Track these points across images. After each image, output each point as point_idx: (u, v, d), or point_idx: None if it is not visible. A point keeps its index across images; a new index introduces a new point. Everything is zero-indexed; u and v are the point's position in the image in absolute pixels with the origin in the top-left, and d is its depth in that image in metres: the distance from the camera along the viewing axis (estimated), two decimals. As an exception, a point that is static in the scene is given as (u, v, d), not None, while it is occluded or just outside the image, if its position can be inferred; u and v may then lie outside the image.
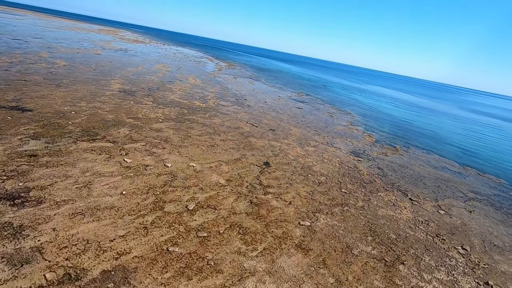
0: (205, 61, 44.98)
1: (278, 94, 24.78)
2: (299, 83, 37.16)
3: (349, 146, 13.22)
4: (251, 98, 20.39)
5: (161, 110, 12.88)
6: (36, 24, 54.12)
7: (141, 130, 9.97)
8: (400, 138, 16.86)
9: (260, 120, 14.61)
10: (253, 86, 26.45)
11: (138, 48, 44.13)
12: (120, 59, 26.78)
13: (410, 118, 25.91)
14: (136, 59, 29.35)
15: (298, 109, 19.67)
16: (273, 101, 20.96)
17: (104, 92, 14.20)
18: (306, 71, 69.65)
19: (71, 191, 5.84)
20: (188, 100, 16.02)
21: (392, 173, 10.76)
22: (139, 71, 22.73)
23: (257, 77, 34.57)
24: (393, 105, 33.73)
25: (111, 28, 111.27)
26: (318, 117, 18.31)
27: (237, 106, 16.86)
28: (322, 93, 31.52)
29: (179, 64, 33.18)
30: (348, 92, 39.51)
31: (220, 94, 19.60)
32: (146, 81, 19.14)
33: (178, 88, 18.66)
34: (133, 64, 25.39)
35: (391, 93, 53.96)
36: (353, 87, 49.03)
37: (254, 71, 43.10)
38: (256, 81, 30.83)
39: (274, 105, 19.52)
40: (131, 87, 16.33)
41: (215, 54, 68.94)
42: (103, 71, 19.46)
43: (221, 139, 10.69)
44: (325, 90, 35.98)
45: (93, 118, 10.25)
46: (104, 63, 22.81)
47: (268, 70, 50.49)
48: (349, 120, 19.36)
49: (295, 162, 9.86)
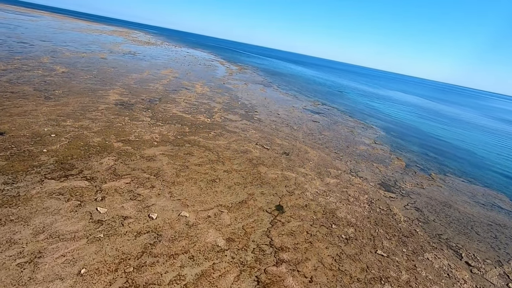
0: (216, 64, 43.50)
1: (291, 103, 22.86)
2: (313, 90, 35.08)
3: (377, 175, 11.18)
4: (262, 109, 18.57)
5: (158, 129, 11.24)
6: (50, 25, 54.21)
7: (130, 159, 8.32)
8: (432, 161, 14.64)
9: (272, 140, 12.76)
10: (265, 94, 24.63)
11: (148, 51, 43.13)
12: (125, 64, 25.52)
13: (437, 131, 23.44)
14: (143, 64, 28.07)
15: (314, 123, 17.70)
16: (287, 113, 19.07)
17: (98, 105, 12.71)
18: (319, 74, 67.23)
19: (7, 272, 4.18)
20: (192, 114, 14.36)
21: (435, 216, 8.69)
22: (144, 77, 21.32)
23: (269, 83, 32.73)
24: (413, 114, 31.16)
25: (125, 29, 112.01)
26: (337, 133, 16.29)
27: (246, 120, 15.08)
28: (338, 101, 29.35)
29: (188, 68, 31.76)
30: (364, 98, 37.10)
31: (229, 105, 17.88)
32: (149, 90, 17.64)
33: (182, 99, 17.05)
34: (139, 70, 24.05)
35: (406, 97, 50.91)
36: (369, 93, 46.43)
37: (266, 75, 41.28)
38: (268, 88, 29.00)
39: (288, 118, 17.63)
40: (130, 99, 14.82)
41: (227, 56, 67.56)
42: (103, 79, 18.10)
43: (224, 169, 8.92)
44: (341, 97, 33.76)
45: (75, 143, 8.68)
46: (107, 69, 21.52)
47: (281, 74, 48.56)
48: (372, 137, 17.23)
49: (314, 203, 7.96)
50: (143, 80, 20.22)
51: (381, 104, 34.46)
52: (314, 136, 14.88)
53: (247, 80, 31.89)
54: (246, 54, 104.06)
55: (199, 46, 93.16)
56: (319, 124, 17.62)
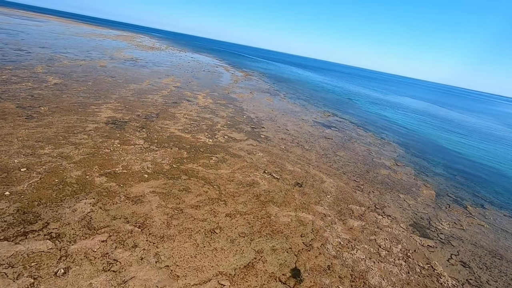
0: (221, 70, 42.19)
1: (300, 115, 21.27)
2: (322, 98, 33.45)
3: (406, 211, 9.51)
4: (269, 124, 17.02)
5: (151, 156, 9.75)
6: (53, 31, 53.67)
7: (111, 202, 6.83)
8: (463, 187, 12.89)
9: (282, 165, 11.18)
10: (272, 105, 23.10)
11: (151, 56, 42.02)
12: (125, 73, 24.26)
13: (457, 146, 21.58)
14: (144, 72, 26.80)
15: (327, 140, 16.08)
16: (296, 127, 17.49)
17: (86, 125, 11.30)
18: (326, 80, 65.52)
19: None
20: (192, 133, 12.87)
21: (488, 275, 7.00)
22: (143, 88, 19.97)
23: (275, 91, 31.21)
24: (428, 125, 29.27)
25: (130, 33, 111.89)
26: (353, 153, 14.64)
27: (252, 140, 13.54)
28: (349, 111, 27.67)
29: (191, 76, 30.42)
30: (375, 107, 35.32)
31: (233, 120, 16.38)
32: (147, 103, 16.24)
33: (183, 114, 15.61)
34: (138, 79, 22.74)
35: (414, 104, 48.82)
36: (378, 99, 44.57)
37: (273, 82, 39.79)
38: (275, 97, 27.47)
39: (298, 134, 16.04)
40: (124, 115, 13.41)
41: (232, 61, 66.37)
42: (98, 91, 16.78)
43: (227, 212, 7.36)
44: (351, 106, 32.06)
45: (48, 180, 7.23)
46: (105, 79, 20.23)
47: (288, 80, 47.04)
48: (392, 156, 15.54)
49: (339, 263, 6.35)
50: (142, 91, 18.86)
51: (393, 113, 32.64)
52: (329, 157, 13.26)
53: (252, 88, 30.42)
54: (252, 58, 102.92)
55: (205, 51, 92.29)
56: (332, 142, 16.00)
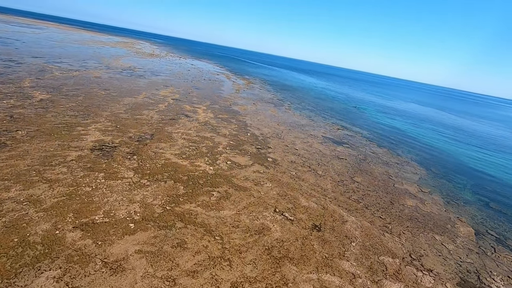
0: (222, 78, 40.81)
1: (308, 130, 19.71)
2: (328, 108, 31.91)
3: (448, 262, 7.87)
4: (276, 143, 15.46)
5: (141, 194, 8.19)
6: (51, 38, 52.60)
7: (83, 274, 5.24)
8: (502, 220, 11.24)
9: (295, 200, 9.59)
10: (277, 118, 21.57)
11: (150, 64, 40.68)
12: (120, 85, 22.82)
13: (481, 163, 19.93)
14: (141, 83, 25.37)
15: (341, 161, 14.49)
16: (306, 146, 15.92)
17: (68, 153, 9.77)
18: (329, 86, 64.05)
19: None
20: (191, 158, 11.32)
21: None
22: (138, 102, 18.49)
23: (279, 101, 29.71)
24: (442, 136, 27.65)
25: (130, 40, 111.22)
26: (372, 178, 13.04)
27: (258, 165, 11.96)
28: (358, 123, 26.10)
29: (191, 85, 28.98)
30: (383, 116, 33.74)
31: (236, 139, 14.83)
32: (141, 121, 14.73)
33: (180, 133, 14.07)
34: (134, 91, 21.28)
35: (422, 110, 47.12)
36: (384, 107, 43.01)
37: (276, 90, 38.34)
38: (280, 108, 25.95)
39: (308, 155, 14.47)
40: (114, 137, 11.88)
41: (233, 68, 65.10)
42: (89, 107, 15.30)
43: (232, 280, 5.76)
44: (359, 116, 30.51)
45: (4, 241, 5.66)
46: (97, 93, 18.78)
47: (291, 88, 45.60)
48: (414, 179, 13.93)
49: None
50: (137, 106, 17.36)
51: (402, 123, 31.04)
52: (346, 185, 11.65)
53: (255, 98, 28.93)
54: (253, 64, 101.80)
55: (206, 57, 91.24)
56: (347, 163, 14.40)
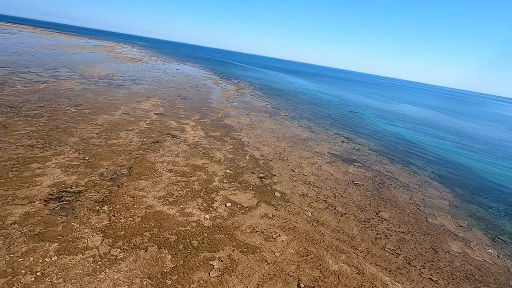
0: (210, 84, 38.16)
1: (312, 146, 17.52)
2: (325, 115, 29.92)
3: None
4: (281, 167, 13.15)
5: (110, 279, 5.65)
6: (21, 44, 48.25)
7: None
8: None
9: (321, 263, 7.29)
10: (276, 131, 19.28)
11: (131, 71, 37.49)
12: (95, 98, 19.89)
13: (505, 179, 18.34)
14: (120, 94, 22.47)
15: (358, 188, 12.35)
16: (314, 169, 13.69)
17: (11, 210, 7.08)
18: (320, 88, 62.39)
19: None
20: (180, 203, 8.82)
21: None
22: (115, 120, 15.73)
23: (274, 110, 27.44)
24: (450, 143, 26.20)
25: (111, 43, 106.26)
26: (400, 211, 10.94)
27: (265, 204, 9.60)
28: (360, 132, 24.20)
29: (177, 95, 26.25)
30: (384, 122, 32.12)
31: (234, 165, 12.41)
32: (117, 148, 12.07)
33: (166, 162, 11.52)
34: (111, 106, 18.44)
35: (418, 113, 46.12)
36: (382, 110, 41.59)
37: (268, 96, 36.07)
38: (276, 118, 23.67)
39: (320, 182, 12.24)
40: (80, 177, 9.22)
41: (220, 71, 62.38)
42: (52, 132, 12.49)
43: None
44: (359, 122, 28.68)
45: None
46: (65, 111, 15.88)
47: (283, 92, 43.46)
48: (444, 208, 11.95)
49: None
50: (113, 126, 14.63)
51: (404, 129, 29.46)
52: (374, 226, 9.47)
53: (248, 107, 26.53)
54: (239, 66, 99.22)
55: (191, 59, 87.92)
56: (365, 190, 12.26)
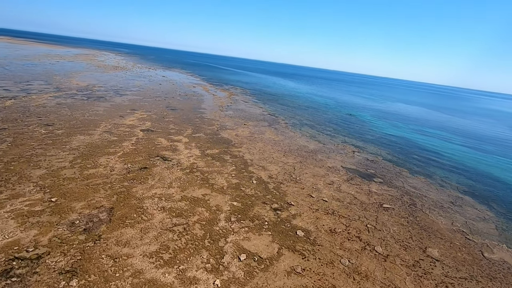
0: (200, 91, 35.81)
1: (323, 160, 15.55)
2: (326, 120, 28.13)
3: None
4: (295, 192, 11.07)
5: None
6: (-9, 55, 44.51)
7: None
8: None
9: None
10: (279, 144, 17.22)
11: (114, 80, 34.69)
12: (71, 115, 17.30)
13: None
14: (101, 108, 19.90)
15: (390, 215, 10.40)
16: (333, 191, 11.68)
17: None
18: (312, 90, 60.91)
19: None
20: (178, 261, 6.58)
21: None
22: (94, 142, 13.27)
23: (272, 118, 25.42)
24: (460, 147, 24.85)
25: (93, 51, 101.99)
26: (451, 247, 9.06)
27: (289, 252, 7.48)
28: (367, 138, 22.48)
29: (165, 105, 23.84)
30: (384, 124, 30.65)
31: (241, 196, 10.23)
32: (94, 181, 9.67)
33: (157, 197, 9.21)
34: (90, 124, 15.92)
35: (415, 112, 45.18)
36: (380, 111, 40.30)
37: (263, 102, 34.06)
38: (276, 127, 21.63)
39: (345, 209, 10.22)
40: (42, 231, 6.81)
41: (208, 76, 60.00)
42: (12, 163, 9.97)
43: None
44: (361, 127, 27.02)
45: None
46: (34, 132, 13.30)
47: (276, 96, 41.57)
48: (495, 234, 10.18)
49: None
50: (91, 151, 12.18)
51: (409, 131, 28.01)
52: (428, 273, 7.50)
53: (244, 116, 24.39)
54: (227, 70, 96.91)
55: (177, 65, 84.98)
56: (398, 216, 10.32)
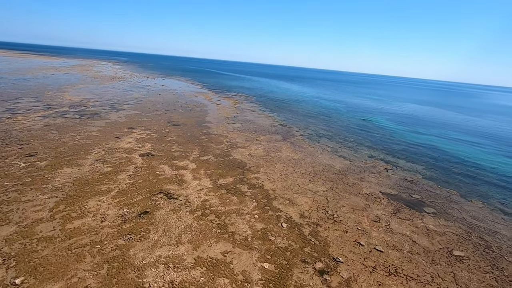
0: (202, 101, 33.46)
1: (357, 183, 13.12)
2: (342, 128, 25.72)
3: None
4: (338, 239, 8.65)
5: None
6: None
7: None
8: None
9: None
10: (302, 165, 14.80)
11: (110, 93, 32.41)
12: (59, 139, 14.92)
13: None
14: (94, 129, 17.54)
15: (464, 265, 8.00)
16: (386, 237, 9.25)
17: None
18: (319, 93, 58.46)
19: None
20: None
21: None
22: (83, 176, 10.86)
23: (284, 128, 23.04)
24: (498, 155, 22.38)
25: (90, 61, 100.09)
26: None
27: None
28: (396, 149, 20.04)
29: (167, 120, 21.49)
30: (404, 129, 28.25)
31: (271, 250, 7.83)
32: (80, 239, 7.26)
33: (162, 262, 6.81)
34: (81, 150, 13.53)
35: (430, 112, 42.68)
36: (393, 114, 37.87)
37: (270, 110, 31.68)
38: (292, 141, 19.21)
39: (409, 264, 7.81)
40: None
41: (209, 83, 57.70)
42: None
43: None
44: (382, 135, 24.61)
45: None
46: (11, 166, 10.91)
47: (282, 102, 39.20)
48: None
49: None
50: (78, 191, 9.77)
51: (433, 137, 25.57)
52: None
53: (254, 128, 21.99)
54: (227, 75, 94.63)
55: (176, 72, 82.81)
56: (480, 271, 7.86)
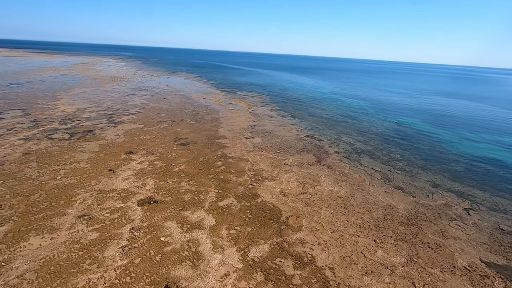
0: (213, 105, 29.65)
1: (445, 247, 9.40)
2: (381, 139, 21.75)
3: None
4: None
5: None
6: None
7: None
8: None
9: None
10: (354, 209, 11.06)
11: (109, 98, 28.86)
12: (37, 176, 11.46)
13: None
14: (83, 158, 14.03)
15: None
16: None
17: None
18: (336, 89, 53.59)
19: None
20: None
21: None
22: (51, 259, 7.39)
23: (314, 141, 19.24)
24: None
25: (92, 58, 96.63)
26: None
27: None
28: (458, 170, 16.12)
29: (173, 137, 17.85)
30: (454, 136, 24.08)
31: None
32: None
33: None
34: (61, 196, 10.05)
35: (473, 109, 37.91)
36: (429, 114, 33.46)
37: (290, 114, 27.75)
38: (327, 162, 15.41)
39: None
40: None
41: (217, 80, 53.57)
42: None
43: None
44: (432, 147, 20.64)
45: None
46: None
47: (300, 102, 35.18)
48: None
49: None
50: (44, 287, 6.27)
51: (498, 151, 21.32)
52: None
53: (278, 144, 18.17)
54: (233, 69, 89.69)
55: (182, 68, 78.52)
56: None
